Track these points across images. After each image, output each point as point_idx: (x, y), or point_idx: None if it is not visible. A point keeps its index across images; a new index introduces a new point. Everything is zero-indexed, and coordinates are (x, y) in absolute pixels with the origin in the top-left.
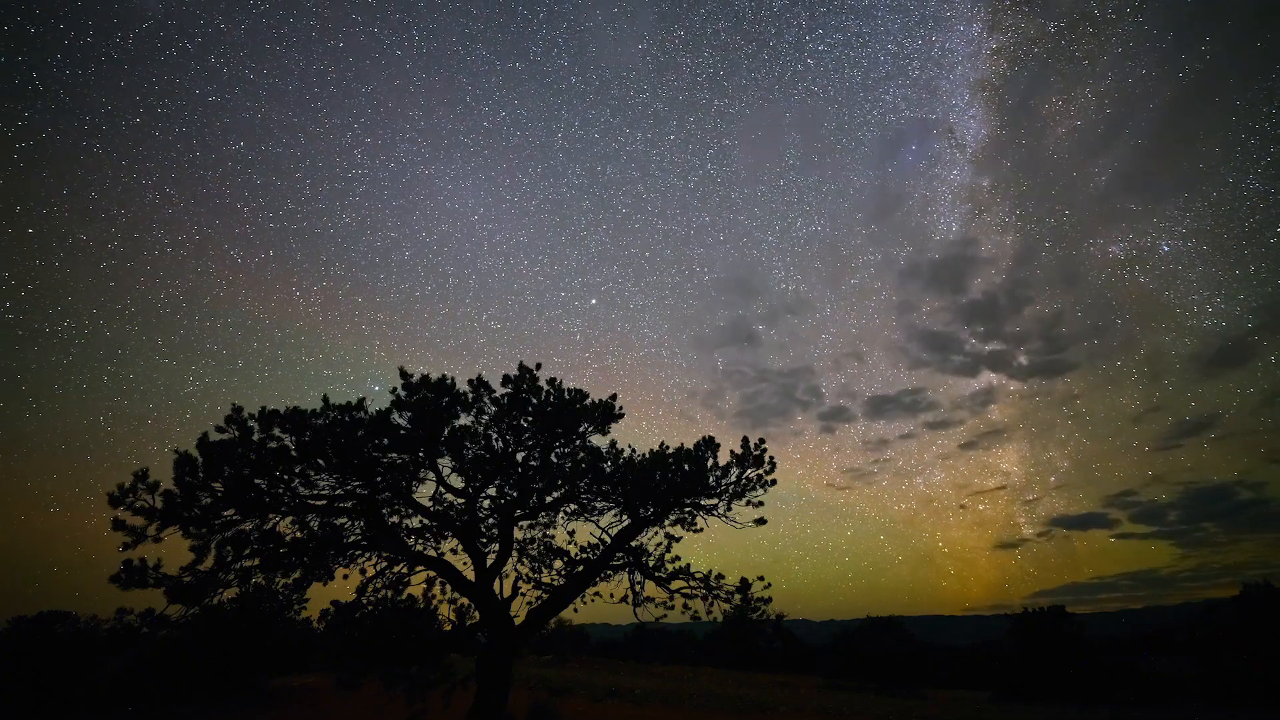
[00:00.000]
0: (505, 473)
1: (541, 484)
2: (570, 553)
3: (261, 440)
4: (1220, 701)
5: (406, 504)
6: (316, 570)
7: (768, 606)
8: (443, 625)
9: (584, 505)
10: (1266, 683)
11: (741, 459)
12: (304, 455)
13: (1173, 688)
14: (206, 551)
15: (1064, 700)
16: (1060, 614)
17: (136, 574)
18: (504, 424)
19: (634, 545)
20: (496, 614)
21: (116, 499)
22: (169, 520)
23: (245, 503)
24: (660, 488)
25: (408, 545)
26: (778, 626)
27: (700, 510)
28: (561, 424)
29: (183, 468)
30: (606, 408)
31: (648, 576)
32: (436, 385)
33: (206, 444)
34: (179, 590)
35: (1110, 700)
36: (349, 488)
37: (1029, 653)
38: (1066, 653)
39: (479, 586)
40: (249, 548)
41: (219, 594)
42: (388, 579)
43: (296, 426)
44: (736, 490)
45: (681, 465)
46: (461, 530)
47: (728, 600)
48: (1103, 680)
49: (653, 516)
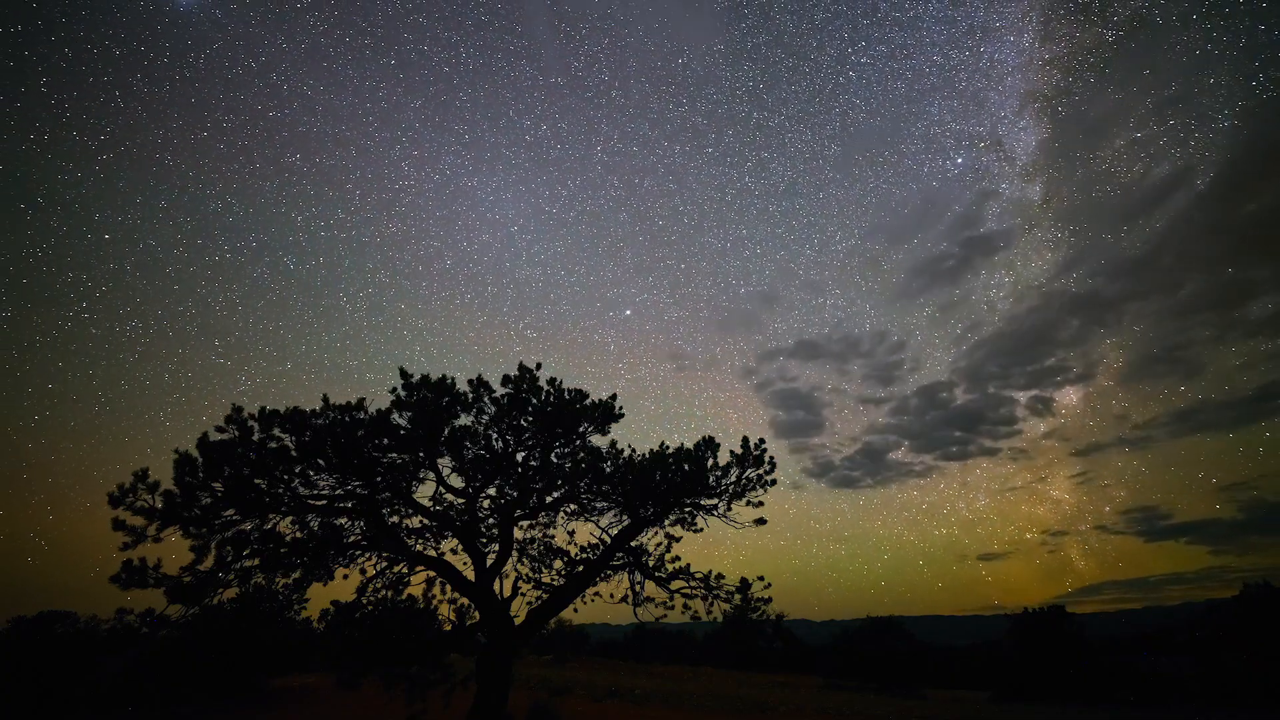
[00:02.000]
0: (505, 473)
1: (541, 484)
2: (570, 553)
3: (261, 440)
4: (1220, 701)
5: (406, 504)
6: (316, 570)
7: (768, 606)
8: (443, 625)
9: (584, 505)
10: (1266, 683)
11: (741, 459)
12: (304, 455)
13: (1173, 688)
14: (206, 551)
15: (1064, 700)
16: (1060, 614)
17: (136, 574)
18: (504, 424)
19: (634, 545)
20: (496, 614)
21: (116, 499)
22: (169, 520)
23: (245, 503)
24: (660, 488)
25: (408, 545)
26: (778, 626)
27: (700, 510)
28: (561, 424)
29: (183, 468)
30: (606, 408)
31: (648, 576)
32: (436, 385)
33: (206, 444)
34: (179, 590)
35: (1110, 700)
36: (349, 488)
37: (1029, 653)
38: (1066, 653)
39: (479, 586)
40: (249, 548)
41: (219, 594)
42: (388, 579)
43: (296, 426)
44: (737, 490)
45: (681, 465)
46: (461, 530)
47: (728, 600)
48: (1103, 680)
49: (653, 516)
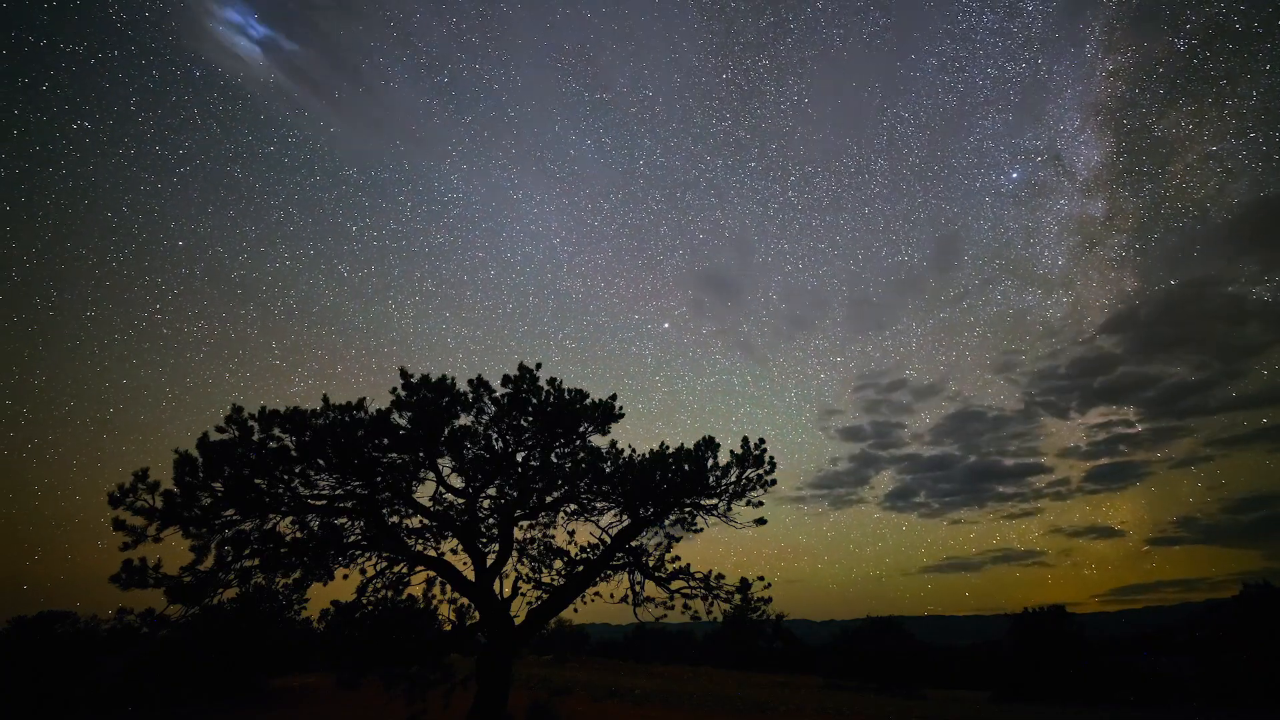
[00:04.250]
0: (505, 473)
1: (541, 484)
2: (570, 553)
3: (262, 440)
4: (1220, 701)
5: (406, 504)
6: (316, 570)
7: (768, 606)
8: (443, 625)
9: (584, 505)
10: (1266, 683)
11: (742, 459)
12: (304, 455)
13: (1173, 688)
14: (206, 551)
15: (1064, 700)
16: (1060, 614)
17: (136, 574)
18: (504, 424)
19: (634, 545)
20: (496, 614)
21: (116, 499)
22: (169, 520)
23: (245, 503)
24: (660, 488)
25: (408, 545)
26: (778, 626)
27: (700, 510)
28: (561, 424)
29: (183, 468)
30: (606, 408)
31: (648, 576)
32: (436, 385)
33: (206, 444)
34: (179, 590)
35: (1110, 700)
36: (349, 488)
37: (1029, 653)
38: (1066, 653)
39: (479, 586)
40: (249, 548)
41: (219, 594)
42: (388, 579)
43: (296, 426)
44: (737, 490)
45: (681, 465)
46: (461, 530)
47: (728, 600)
48: (1103, 680)
49: (653, 516)
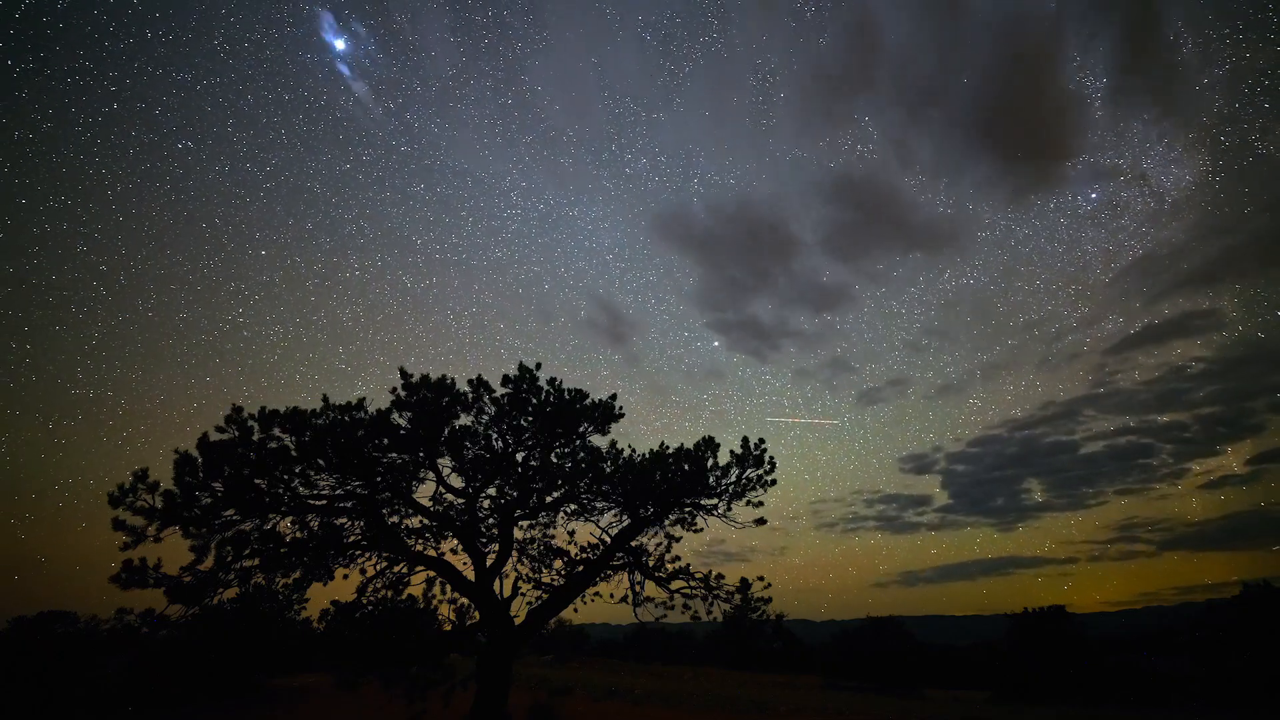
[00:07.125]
0: (505, 473)
1: (541, 484)
2: (570, 553)
3: (261, 440)
4: (1220, 701)
5: (406, 504)
6: (316, 570)
7: (768, 606)
8: (443, 625)
9: (584, 505)
10: (1266, 683)
11: (742, 459)
12: (304, 455)
13: (1173, 688)
14: (206, 551)
15: (1064, 700)
16: (1060, 614)
17: (136, 574)
18: (504, 424)
19: (634, 545)
20: (496, 614)
21: (116, 499)
22: (169, 520)
23: (245, 503)
24: (660, 488)
25: (408, 545)
26: (778, 626)
27: (700, 510)
28: (561, 424)
29: (183, 468)
30: (606, 408)
31: (648, 576)
32: (436, 385)
33: (206, 444)
34: (179, 590)
35: (1110, 700)
36: (349, 488)
37: (1029, 653)
38: (1066, 653)
39: (479, 586)
40: (249, 548)
41: (219, 594)
42: (388, 579)
43: (296, 426)
44: (737, 490)
45: (681, 465)
46: (461, 530)
47: (728, 600)
48: (1103, 680)
49: (653, 516)
